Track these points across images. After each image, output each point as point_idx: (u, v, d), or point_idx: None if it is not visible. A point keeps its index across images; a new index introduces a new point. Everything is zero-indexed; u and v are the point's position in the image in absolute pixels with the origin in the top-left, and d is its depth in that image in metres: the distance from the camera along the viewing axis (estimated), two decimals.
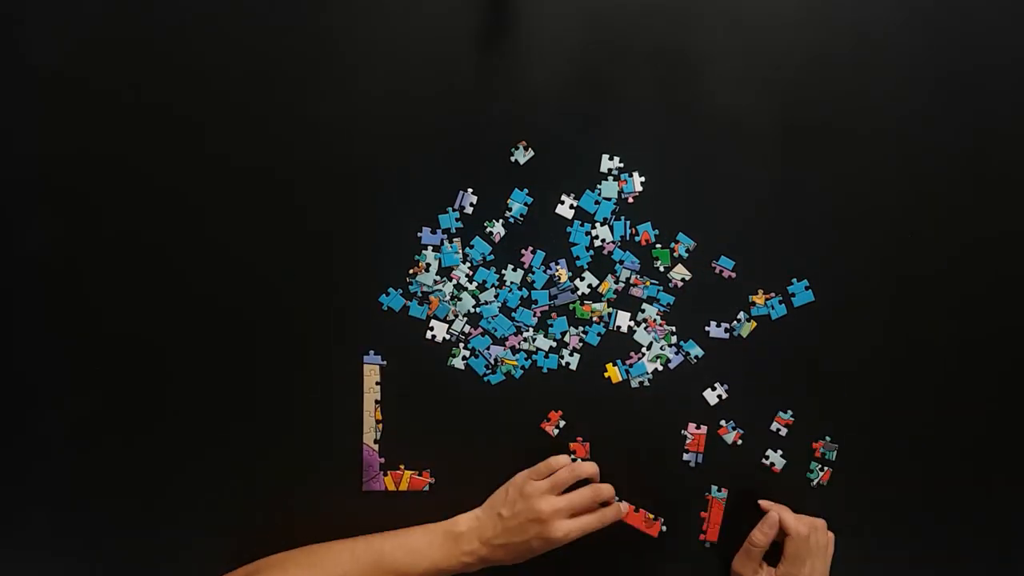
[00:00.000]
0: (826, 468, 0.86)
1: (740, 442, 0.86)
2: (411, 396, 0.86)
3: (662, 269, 0.86)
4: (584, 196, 0.86)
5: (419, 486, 0.86)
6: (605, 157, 0.86)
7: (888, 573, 0.86)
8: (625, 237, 0.86)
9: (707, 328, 0.86)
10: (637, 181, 0.86)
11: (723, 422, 0.86)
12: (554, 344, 0.86)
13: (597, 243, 0.86)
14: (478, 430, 0.86)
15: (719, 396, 0.86)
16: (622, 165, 0.86)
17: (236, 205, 0.85)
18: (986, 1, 0.86)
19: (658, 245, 0.86)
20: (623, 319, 0.86)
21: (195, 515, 0.85)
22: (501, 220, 0.86)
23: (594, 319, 0.86)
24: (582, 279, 0.86)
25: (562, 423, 0.86)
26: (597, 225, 0.86)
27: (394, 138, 0.85)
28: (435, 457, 0.86)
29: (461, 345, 0.86)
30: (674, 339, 0.86)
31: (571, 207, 0.86)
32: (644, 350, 0.86)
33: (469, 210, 0.86)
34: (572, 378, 0.86)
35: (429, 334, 0.86)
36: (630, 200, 0.86)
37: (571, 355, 0.86)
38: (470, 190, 0.85)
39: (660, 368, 0.86)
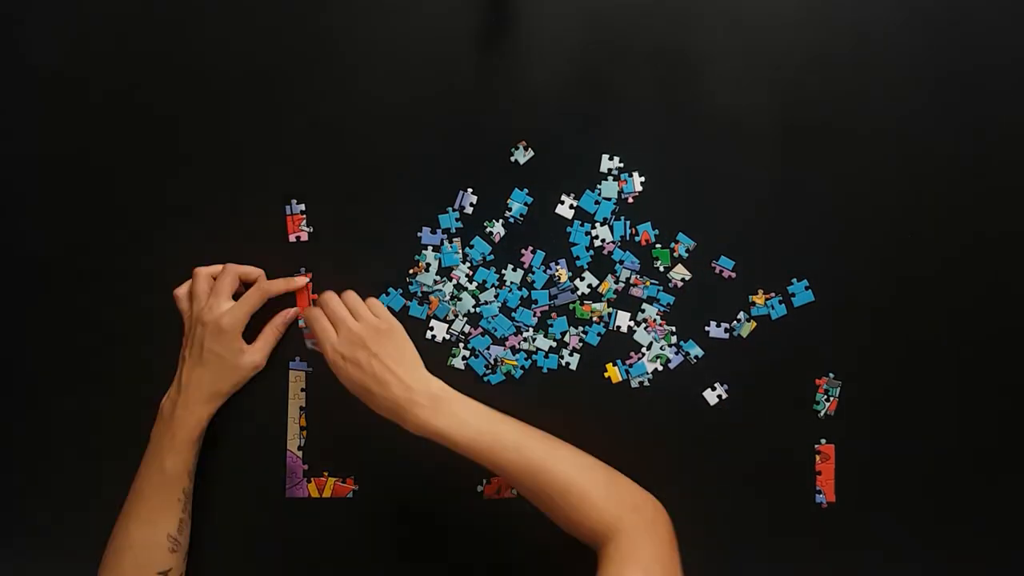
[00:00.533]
0: (832, 398, 0.85)
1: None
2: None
3: (662, 269, 0.86)
4: (584, 196, 0.86)
5: (343, 493, 0.85)
6: (605, 157, 0.86)
7: (888, 573, 0.86)
8: (625, 237, 0.86)
9: (707, 328, 0.86)
10: (637, 181, 0.86)
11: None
12: (554, 344, 0.86)
13: (597, 243, 0.86)
14: None
15: (719, 396, 0.86)
16: (622, 165, 0.86)
17: (235, 205, 0.85)
18: (986, 1, 0.86)
19: (658, 245, 0.86)
20: (623, 319, 0.86)
21: (197, 514, 0.85)
22: (501, 220, 0.86)
23: (594, 319, 0.86)
24: (582, 279, 0.86)
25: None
26: (597, 225, 0.86)
27: (394, 138, 0.85)
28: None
29: (461, 345, 0.86)
30: (674, 339, 0.86)
31: (571, 207, 0.86)
32: (644, 350, 0.86)
33: (469, 210, 0.86)
34: (572, 378, 0.86)
35: (429, 334, 0.85)
36: (630, 200, 0.86)
37: (571, 355, 0.86)
38: (470, 190, 0.85)
39: (660, 368, 0.86)
